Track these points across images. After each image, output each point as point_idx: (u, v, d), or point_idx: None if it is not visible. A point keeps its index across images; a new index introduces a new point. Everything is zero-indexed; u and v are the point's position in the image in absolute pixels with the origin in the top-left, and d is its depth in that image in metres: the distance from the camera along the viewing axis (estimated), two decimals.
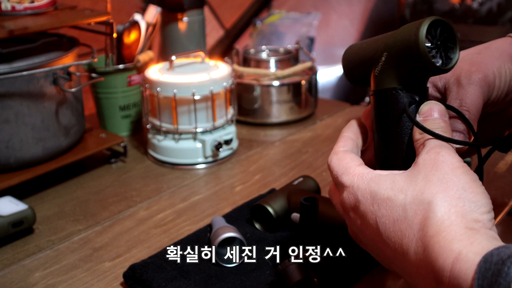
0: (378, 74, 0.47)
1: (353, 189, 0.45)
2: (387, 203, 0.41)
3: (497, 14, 1.38)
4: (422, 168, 0.41)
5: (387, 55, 0.46)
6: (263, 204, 0.68)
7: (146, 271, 0.60)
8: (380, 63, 0.47)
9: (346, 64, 0.52)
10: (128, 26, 1.02)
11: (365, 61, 0.49)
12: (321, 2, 1.70)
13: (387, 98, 0.47)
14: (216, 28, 1.49)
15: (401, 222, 0.40)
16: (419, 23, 0.43)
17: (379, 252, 0.45)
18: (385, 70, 0.46)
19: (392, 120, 0.46)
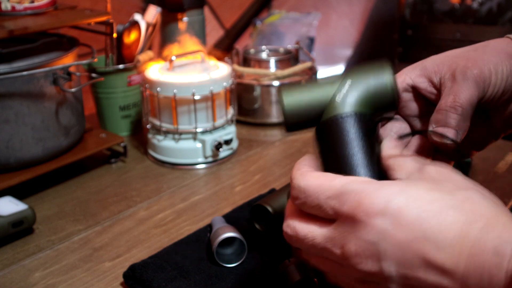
0: (340, 100, 0.46)
1: (375, 190, 0.38)
2: (425, 197, 0.37)
3: (497, 14, 1.38)
4: (438, 174, 0.40)
5: (352, 83, 0.46)
6: (263, 204, 0.68)
7: (146, 271, 0.60)
8: (341, 91, 0.46)
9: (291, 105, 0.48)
10: (128, 26, 1.02)
11: (318, 95, 0.47)
12: (321, 2, 1.70)
13: (355, 120, 0.45)
14: (216, 28, 1.49)
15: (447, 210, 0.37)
16: (382, 64, 0.46)
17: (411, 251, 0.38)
18: (347, 97, 0.46)
19: (358, 142, 0.44)
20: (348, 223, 0.38)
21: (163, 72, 0.92)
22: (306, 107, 0.47)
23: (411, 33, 1.52)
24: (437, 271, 0.35)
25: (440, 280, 0.35)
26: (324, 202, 0.40)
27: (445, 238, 0.35)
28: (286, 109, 0.47)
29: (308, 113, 0.47)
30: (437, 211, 0.36)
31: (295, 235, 0.43)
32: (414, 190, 0.37)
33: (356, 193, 0.38)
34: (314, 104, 0.47)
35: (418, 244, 0.36)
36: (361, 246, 0.38)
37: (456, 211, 0.36)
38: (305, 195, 0.41)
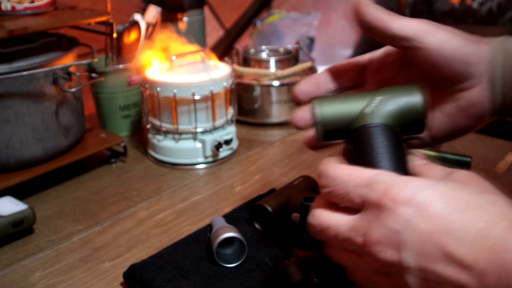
0: (371, 112, 0.48)
1: (405, 181, 0.39)
2: (453, 194, 0.38)
3: (497, 14, 1.38)
4: (466, 178, 0.41)
5: (383, 99, 0.48)
6: (263, 204, 0.68)
7: (146, 271, 0.60)
8: (373, 104, 0.48)
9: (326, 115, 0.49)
10: (128, 26, 1.02)
11: (350, 107, 0.49)
12: (321, 2, 1.70)
13: (384, 130, 0.47)
14: (216, 28, 1.49)
15: (473, 209, 0.37)
16: (413, 87, 0.49)
17: (432, 243, 0.38)
18: (379, 110, 0.48)
19: (386, 148, 0.46)
20: (374, 210, 0.39)
21: (163, 72, 0.92)
22: (337, 118, 0.49)
23: None
24: (455, 265, 0.36)
25: (458, 275, 0.36)
26: (353, 190, 0.41)
27: (468, 234, 0.36)
28: (319, 119, 0.49)
29: (339, 123, 0.49)
30: (462, 208, 0.37)
31: (319, 224, 0.43)
32: (442, 187, 0.38)
33: (385, 183, 0.39)
34: (345, 116, 0.49)
35: (440, 237, 0.36)
36: (384, 234, 0.38)
37: (481, 210, 0.37)
38: (334, 183, 0.42)
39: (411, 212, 0.37)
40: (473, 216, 0.36)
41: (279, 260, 0.62)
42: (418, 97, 0.48)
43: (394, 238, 0.38)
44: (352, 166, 0.43)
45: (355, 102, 0.49)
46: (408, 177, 0.40)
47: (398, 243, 0.38)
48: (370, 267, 0.41)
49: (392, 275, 0.39)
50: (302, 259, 0.57)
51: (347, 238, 0.41)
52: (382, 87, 0.51)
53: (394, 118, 0.48)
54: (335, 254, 0.44)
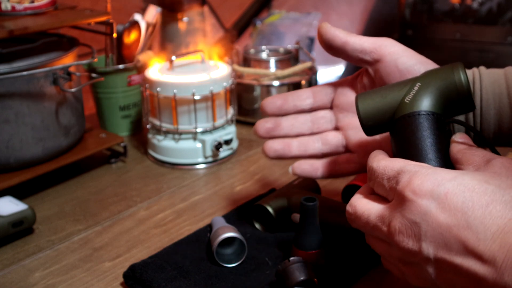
0: (410, 100, 0.48)
1: (429, 173, 0.40)
2: (478, 188, 0.38)
3: (497, 14, 1.38)
4: (503, 168, 0.41)
5: (422, 85, 0.48)
6: (263, 204, 0.68)
7: (146, 271, 0.60)
8: (411, 92, 0.48)
9: (365, 109, 0.51)
10: (128, 26, 1.02)
11: (389, 97, 0.50)
12: (321, 2, 1.70)
13: (424, 118, 0.47)
14: (216, 28, 1.49)
15: (496, 204, 0.37)
16: (456, 65, 0.48)
17: (451, 235, 0.38)
18: (418, 97, 0.48)
19: (428, 138, 0.47)
20: (398, 201, 0.41)
21: (163, 72, 0.92)
22: (379, 111, 0.50)
23: (411, 33, 1.52)
24: (474, 258, 0.36)
25: (476, 267, 0.36)
26: (387, 181, 0.43)
27: (487, 230, 0.36)
28: (362, 115, 0.50)
29: (382, 116, 0.50)
30: (485, 203, 0.37)
31: (354, 212, 0.45)
32: (468, 180, 0.38)
33: (410, 173, 0.41)
34: (386, 107, 0.49)
35: (459, 231, 0.37)
36: (404, 225, 0.40)
37: (505, 207, 0.37)
38: (375, 175, 0.44)
39: (431, 204, 0.38)
40: (494, 212, 0.36)
41: (279, 260, 0.62)
42: (458, 75, 0.48)
43: (414, 229, 0.39)
44: (390, 159, 0.44)
45: (394, 93, 0.49)
46: (435, 168, 0.40)
47: (418, 234, 0.39)
48: (396, 256, 0.42)
49: (414, 264, 0.40)
50: (302, 259, 0.57)
51: (375, 226, 0.43)
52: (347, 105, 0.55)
53: (435, 102, 0.48)
54: (369, 241, 0.46)
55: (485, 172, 0.41)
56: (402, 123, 0.48)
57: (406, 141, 0.47)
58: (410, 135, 0.47)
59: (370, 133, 0.51)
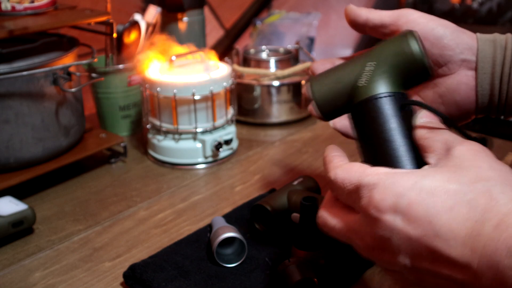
0: (365, 84, 0.46)
1: (388, 185, 0.38)
2: (439, 191, 0.37)
3: (497, 14, 1.38)
4: (464, 158, 0.39)
5: (376, 64, 0.46)
6: (263, 204, 0.68)
7: (146, 271, 0.60)
8: (364, 73, 0.46)
9: (321, 95, 0.48)
10: (128, 26, 1.02)
11: (342, 81, 0.47)
12: (321, 2, 1.70)
13: (382, 102, 0.45)
14: (216, 28, 1.49)
15: (460, 206, 0.36)
16: (405, 34, 0.46)
17: (422, 246, 0.37)
18: (373, 79, 0.46)
19: (389, 124, 0.44)
20: (364, 218, 0.40)
21: (163, 72, 0.92)
22: (335, 96, 0.48)
23: None
24: (449, 265, 0.36)
25: (454, 273, 0.36)
26: (347, 196, 0.42)
27: (457, 235, 0.35)
28: (318, 102, 0.48)
29: (338, 101, 0.48)
30: (449, 207, 0.36)
31: (324, 225, 0.45)
32: (429, 183, 0.37)
33: (369, 188, 0.39)
34: (342, 92, 0.48)
35: (429, 240, 0.36)
36: (376, 240, 0.39)
37: (470, 207, 0.35)
38: (335, 187, 0.43)
39: (397, 219, 0.37)
40: (460, 215, 0.35)
41: (279, 260, 0.62)
42: (409, 45, 0.45)
43: (386, 244, 0.39)
44: (346, 168, 0.43)
45: (347, 76, 0.47)
46: (394, 176, 0.39)
47: (391, 248, 0.38)
48: (378, 263, 0.42)
49: (396, 272, 0.40)
50: (302, 259, 0.57)
51: (350, 238, 0.42)
52: None
53: (391, 80, 0.45)
54: (351, 244, 0.45)
55: (445, 168, 0.39)
56: (361, 109, 0.45)
57: (368, 129, 0.45)
58: (371, 121, 0.45)
59: (329, 118, 0.50)
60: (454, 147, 0.40)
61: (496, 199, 0.35)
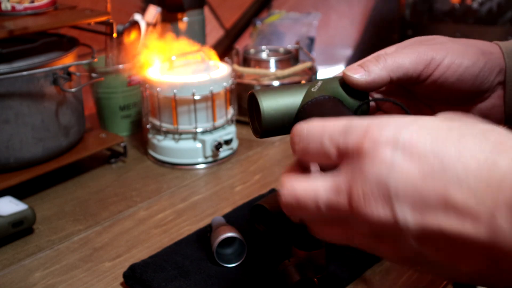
0: (317, 90, 0.46)
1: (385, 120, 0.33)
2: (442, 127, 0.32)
3: (497, 14, 1.38)
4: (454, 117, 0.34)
5: (324, 81, 0.47)
6: (263, 204, 0.68)
7: (146, 271, 0.60)
8: (316, 86, 0.46)
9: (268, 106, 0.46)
10: (128, 26, 1.02)
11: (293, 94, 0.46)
12: (321, 2, 1.70)
13: (334, 101, 0.45)
14: (216, 28, 1.49)
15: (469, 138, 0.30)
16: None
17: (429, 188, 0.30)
18: (324, 87, 0.46)
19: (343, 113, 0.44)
20: (354, 159, 0.33)
21: (163, 72, 0.92)
22: (283, 108, 0.46)
23: (411, 33, 1.52)
24: (458, 214, 0.29)
25: (462, 226, 0.29)
26: (329, 143, 0.34)
27: (468, 168, 0.29)
28: (265, 112, 0.45)
29: (285, 114, 0.46)
30: (456, 138, 0.30)
31: (294, 198, 0.37)
32: (429, 121, 0.32)
33: (363, 126, 0.33)
34: (290, 104, 0.46)
35: (436, 179, 0.30)
36: (369, 184, 0.31)
37: (480, 139, 0.30)
38: (308, 139, 0.36)
39: (396, 154, 0.31)
40: (471, 146, 0.30)
41: (279, 260, 0.62)
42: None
43: (382, 188, 0.31)
44: (325, 120, 0.36)
45: (297, 89, 0.46)
46: (388, 117, 0.33)
47: (387, 192, 0.31)
48: (365, 233, 0.33)
49: (390, 238, 0.32)
50: (302, 259, 0.57)
51: (330, 203, 0.34)
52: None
53: (342, 94, 0.46)
54: (321, 232, 0.37)
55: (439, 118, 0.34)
56: (309, 107, 0.45)
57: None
58: (319, 113, 0.43)
59: (265, 135, 0.47)
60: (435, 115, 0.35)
61: (506, 136, 0.30)
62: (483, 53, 0.48)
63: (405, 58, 0.46)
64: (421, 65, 0.46)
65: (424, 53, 0.47)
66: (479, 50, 0.48)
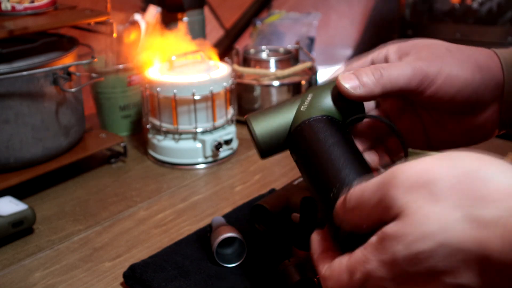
0: (306, 108, 0.47)
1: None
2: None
3: (497, 14, 1.38)
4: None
5: (314, 94, 0.48)
6: (263, 204, 0.68)
7: (146, 271, 0.60)
8: (306, 101, 0.47)
9: (261, 130, 0.48)
10: (128, 26, 1.02)
11: (283, 113, 0.48)
12: (321, 2, 1.70)
13: (325, 121, 0.46)
14: (216, 28, 1.49)
15: None
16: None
17: None
18: (314, 104, 0.47)
19: (333, 140, 0.45)
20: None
21: (163, 72, 0.92)
22: (276, 129, 0.48)
23: (411, 33, 1.52)
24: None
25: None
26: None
27: None
28: (259, 137, 0.48)
29: (279, 134, 0.48)
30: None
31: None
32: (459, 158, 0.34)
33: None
34: (283, 124, 0.48)
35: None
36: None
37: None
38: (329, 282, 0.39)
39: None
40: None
41: (279, 260, 0.62)
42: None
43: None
44: (331, 265, 0.39)
45: (288, 106, 0.48)
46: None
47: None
48: None
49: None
50: (302, 259, 0.57)
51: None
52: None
53: (330, 107, 0.47)
54: None
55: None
56: (302, 130, 0.46)
57: (310, 149, 0.45)
58: (313, 139, 0.45)
59: (266, 155, 0.50)
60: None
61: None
62: (480, 69, 0.48)
63: (400, 74, 0.46)
64: (414, 82, 0.46)
65: (419, 69, 0.46)
66: (476, 65, 0.48)
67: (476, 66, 0.48)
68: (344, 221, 0.39)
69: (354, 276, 0.36)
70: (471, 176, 0.33)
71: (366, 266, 0.35)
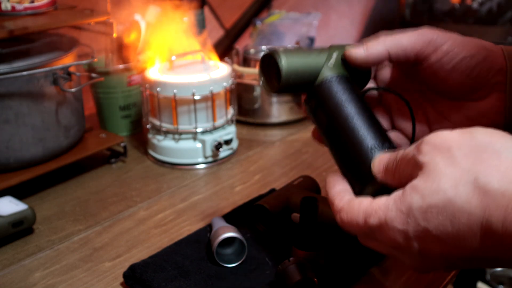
0: (333, 66, 0.50)
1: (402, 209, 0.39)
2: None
3: (497, 14, 1.38)
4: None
5: (338, 54, 0.51)
6: (263, 204, 0.68)
7: (146, 271, 0.60)
8: (332, 58, 0.50)
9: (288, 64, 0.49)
10: (128, 26, 1.02)
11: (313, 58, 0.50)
12: (321, 2, 1.70)
13: (348, 81, 0.49)
14: (216, 28, 1.49)
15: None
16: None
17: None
18: (338, 63, 0.50)
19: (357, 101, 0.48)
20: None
21: (163, 72, 0.92)
22: (303, 69, 0.49)
23: None
24: None
25: None
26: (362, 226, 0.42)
27: None
28: (285, 69, 0.49)
29: (304, 77, 0.49)
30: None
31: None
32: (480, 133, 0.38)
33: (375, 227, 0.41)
34: (310, 68, 0.49)
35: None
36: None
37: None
38: (345, 229, 0.44)
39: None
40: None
41: (279, 260, 0.62)
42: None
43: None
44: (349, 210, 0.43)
45: (315, 57, 0.50)
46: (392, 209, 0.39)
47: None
48: None
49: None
50: (302, 259, 0.57)
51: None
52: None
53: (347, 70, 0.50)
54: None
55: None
56: (330, 84, 0.49)
57: (342, 103, 0.48)
58: (342, 97, 0.48)
59: (282, 91, 0.50)
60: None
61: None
62: (484, 48, 0.49)
63: (404, 36, 0.49)
64: (419, 45, 0.48)
65: (425, 34, 0.49)
66: (481, 45, 0.50)
67: (481, 45, 0.50)
68: (384, 179, 0.43)
69: (369, 220, 0.41)
70: (486, 147, 0.37)
71: (385, 213, 0.39)
